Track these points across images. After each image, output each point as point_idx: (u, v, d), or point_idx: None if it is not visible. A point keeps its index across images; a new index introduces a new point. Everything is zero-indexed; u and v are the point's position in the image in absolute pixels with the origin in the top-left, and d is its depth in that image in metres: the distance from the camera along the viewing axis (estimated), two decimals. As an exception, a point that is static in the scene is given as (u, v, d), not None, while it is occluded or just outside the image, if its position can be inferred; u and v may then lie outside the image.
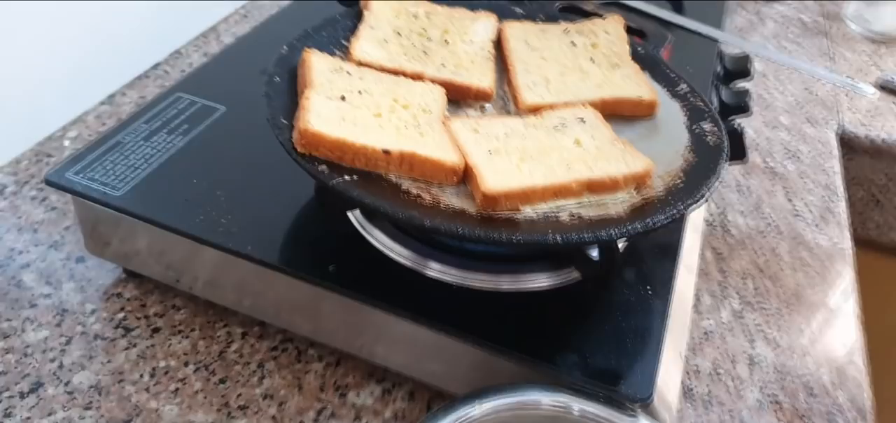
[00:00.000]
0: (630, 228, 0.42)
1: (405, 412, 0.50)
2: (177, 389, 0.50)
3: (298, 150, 0.44)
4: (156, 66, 0.82)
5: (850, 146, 0.88)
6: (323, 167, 0.44)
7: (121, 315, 0.55)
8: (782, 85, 0.93)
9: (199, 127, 0.59)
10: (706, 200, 0.46)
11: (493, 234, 0.42)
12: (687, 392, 0.53)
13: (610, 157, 0.48)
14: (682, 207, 0.44)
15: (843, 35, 1.07)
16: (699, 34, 0.78)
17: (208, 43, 0.87)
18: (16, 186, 0.65)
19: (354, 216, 0.52)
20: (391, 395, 0.51)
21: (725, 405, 0.53)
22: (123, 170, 0.54)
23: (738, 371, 0.55)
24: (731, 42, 0.80)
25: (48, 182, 0.52)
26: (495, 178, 0.45)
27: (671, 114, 0.55)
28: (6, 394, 0.49)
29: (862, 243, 0.95)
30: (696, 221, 0.63)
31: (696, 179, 0.47)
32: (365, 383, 0.52)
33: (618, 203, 0.46)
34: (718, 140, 0.50)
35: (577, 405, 0.42)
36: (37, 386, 0.50)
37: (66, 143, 0.70)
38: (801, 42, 1.04)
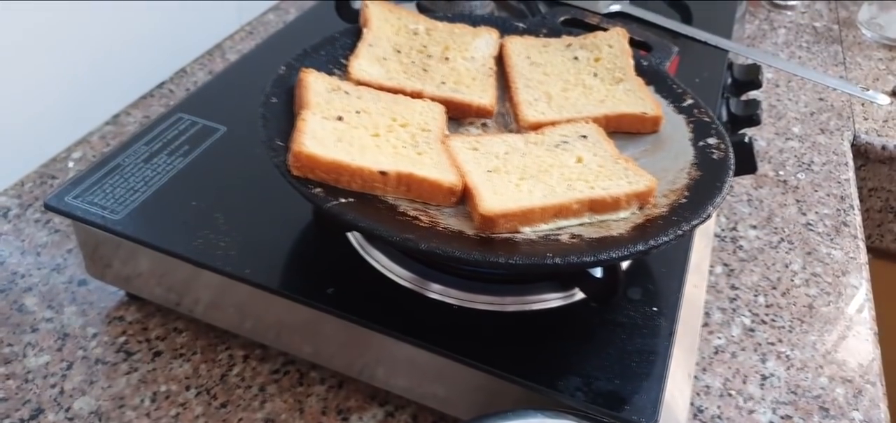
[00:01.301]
0: (631, 249, 0.41)
1: (407, 437, 0.49)
2: (177, 414, 0.50)
3: (293, 172, 0.44)
4: (161, 86, 0.82)
5: (865, 155, 0.86)
6: (318, 190, 0.43)
7: (122, 339, 0.54)
8: (794, 94, 0.91)
9: (199, 148, 0.59)
10: (709, 218, 0.45)
11: (490, 256, 0.41)
12: (696, 413, 0.52)
13: (612, 174, 0.47)
14: (687, 226, 0.43)
15: (856, 42, 1.05)
16: (708, 45, 0.77)
17: (213, 61, 0.87)
18: (20, 208, 0.65)
19: (354, 238, 0.51)
20: (394, 419, 0.50)
21: (736, 426, 0.52)
22: (123, 193, 0.54)
23: (749, 390, 0.54)
24: (740, 52, 0.78)
25: (47, 207, 0.52)
26: (494, 198, 0.44)
27: (676, 128, 0.54)
28: (7, 421, 0.49)
29: (879, 253, 0.93)
30: (706, 234, 0.62)
31: (701, 195, 0.46)
32: (367, 406, 0.51)
33: (620, 222, 0.45)
34: (724, 155, 0.49)
35: (580, 429, 0.41)
36: (37, 413, 0.49)
37: (71, 164, 0.70)
38: (814, 50, 1.02)
